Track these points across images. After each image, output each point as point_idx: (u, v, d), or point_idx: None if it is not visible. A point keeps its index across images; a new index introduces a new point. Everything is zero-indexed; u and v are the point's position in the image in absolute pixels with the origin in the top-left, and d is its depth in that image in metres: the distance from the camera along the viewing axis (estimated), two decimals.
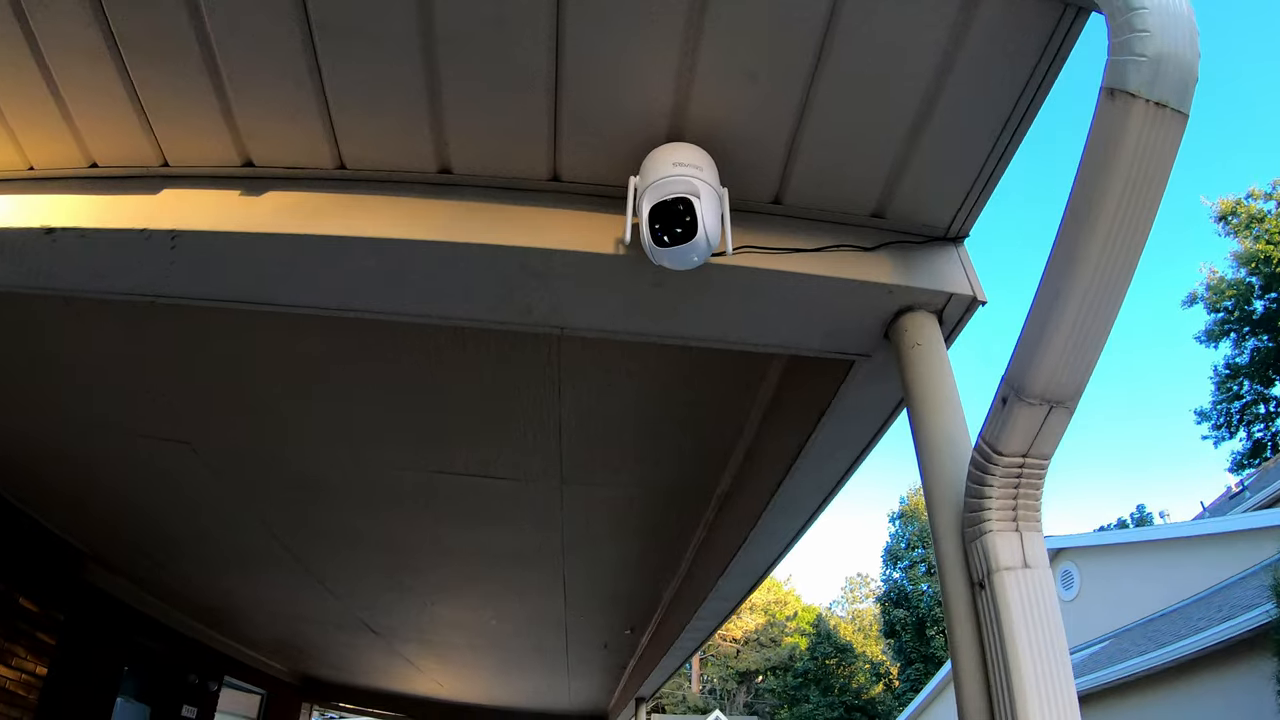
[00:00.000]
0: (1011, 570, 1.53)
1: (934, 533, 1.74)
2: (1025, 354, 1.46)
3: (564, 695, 9.93)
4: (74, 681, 5.90)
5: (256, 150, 2.02)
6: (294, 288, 2.16)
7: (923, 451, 1.82)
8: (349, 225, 1.96)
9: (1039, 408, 1.47)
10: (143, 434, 3.72)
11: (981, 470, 1.57)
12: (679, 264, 1.76)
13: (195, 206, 2.01)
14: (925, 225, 2.05)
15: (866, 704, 33.76)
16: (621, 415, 3.30)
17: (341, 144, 1.97)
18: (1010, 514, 1.57)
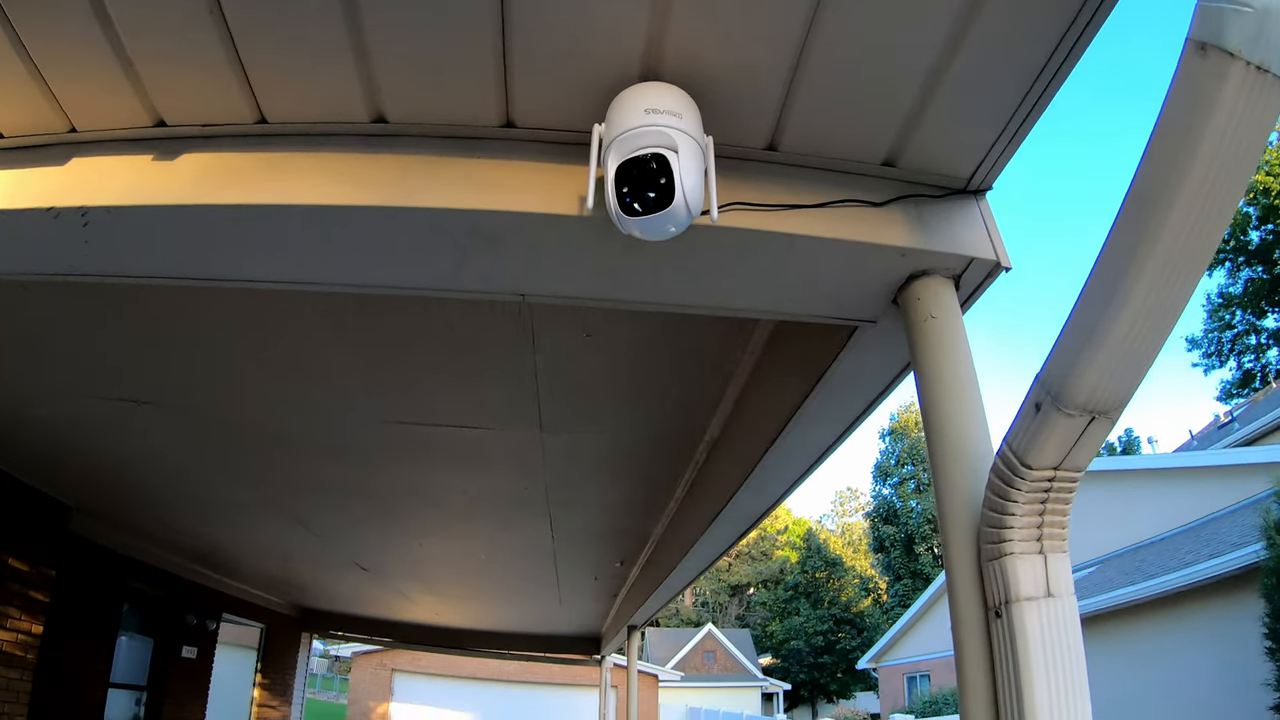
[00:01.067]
0: (1033, 601, 1.32)
1: (944, 544, 1.52)
2: (1067, 357, 1.20)
3: (558, 620, 10.08)
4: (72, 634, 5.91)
5: (167, 108, 1.73)
6: (220, 263, 1.90)
7: (936, 449, 1.59)
8: (273, 191, 1.68)
9: (1079, 419, 1.22)
10: (106, 397, 3.60)
11: (1005, 483, 1.34)
12: (652, 235, 1.47)
13: (106, 177, 1.75)
14: (944, 175, 1.75)
15: (855, 617, 34.96)
16: (602, 367, 3.09)
17: (259, 95, 1.67)
18: (1034, 534, 1.35)
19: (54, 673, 5.58)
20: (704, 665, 30.18)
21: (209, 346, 3.08)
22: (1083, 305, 1.18)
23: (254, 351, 3.10)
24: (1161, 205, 1.01)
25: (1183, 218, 1.00)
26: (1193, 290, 1.08)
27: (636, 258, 1.76)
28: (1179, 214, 1.00)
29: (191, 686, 7.99)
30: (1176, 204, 1.00)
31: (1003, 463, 1.35)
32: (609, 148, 1.46)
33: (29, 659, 4.89)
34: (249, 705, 9.59)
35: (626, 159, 1.41)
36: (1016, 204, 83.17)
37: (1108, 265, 1.12)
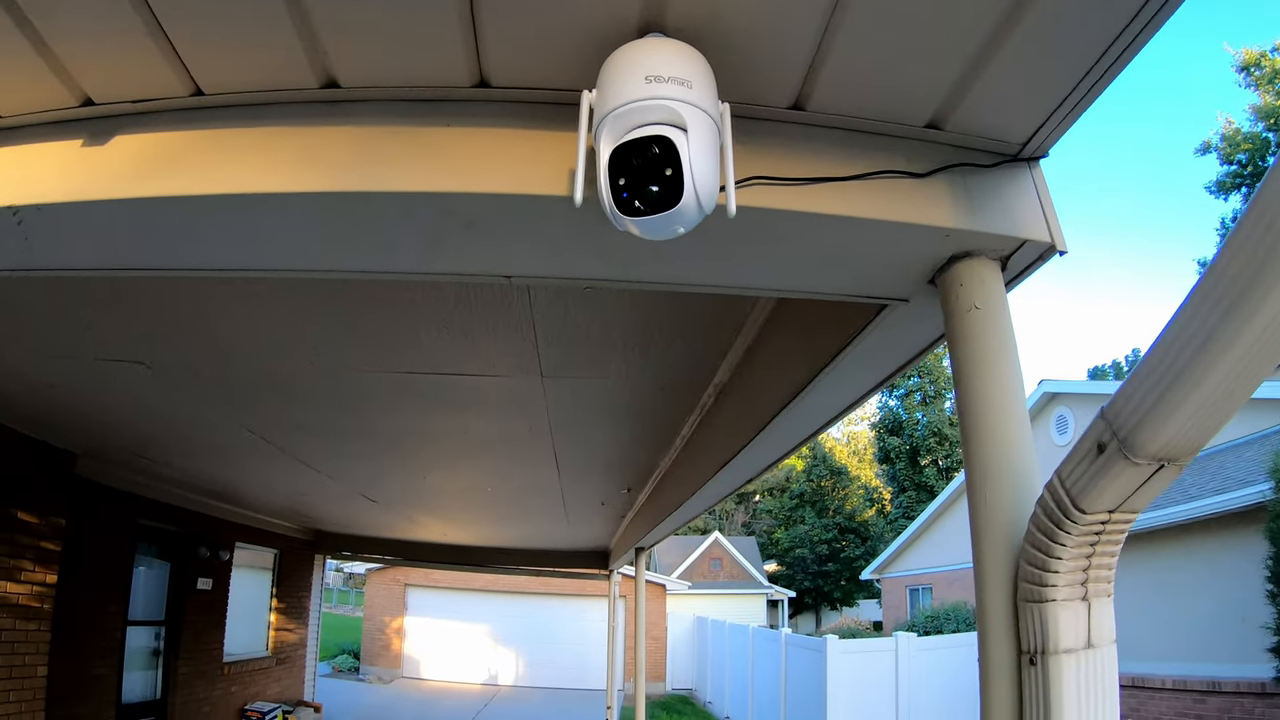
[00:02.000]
0: (1072, 654, 1.18)
1: (977, 572, 1.36)
2: (1145, 400, 1.00)
3: (566, 538, 10.21)
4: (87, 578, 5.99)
5: (92, 86, 1.49)
6: (168, 254, 1.70)
7: (974, 466, 1.40)
8: (214, 178, 1.44)
9: (1146, 467, 1.04)
10: (96, 358, 3.49)
11: (1054, 524, 1.16)
12: (655, 235, 1.23)
13: (35, 169, 1.53)
14: (995, 140, 1.49)
15: (859, 526, 35.68)
16: (603, 316, 2.90)
17: (189, 64, 1.41)
18: (1080, 577, 1.19)
19: (72, 619, 5.67)
20: (710, 572, 31.04)
21: (194, 308, 2.92)
22: (1168, 349, 0.96)
23: (243, 313, 2.95)
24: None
25: None
26: None
27: (637, 243, 1.53)
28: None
29: (208, 616, 8.21)
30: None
31: (1053, 500, 1.17)
32: (601, 125, 1.19)
33: (45, 609, 4.93)
34: (266, 629, 9.87)
35: (622, 142, 1.16)
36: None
37: (1207, 306, 0.90)
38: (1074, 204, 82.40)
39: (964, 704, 9.33)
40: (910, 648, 9.36)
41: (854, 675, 9.25)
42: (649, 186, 1.15)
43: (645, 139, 1.14)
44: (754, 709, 12.77)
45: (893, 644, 9.49)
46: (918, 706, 9.08)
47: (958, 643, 9.88)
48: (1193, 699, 8.03)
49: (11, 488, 4.77)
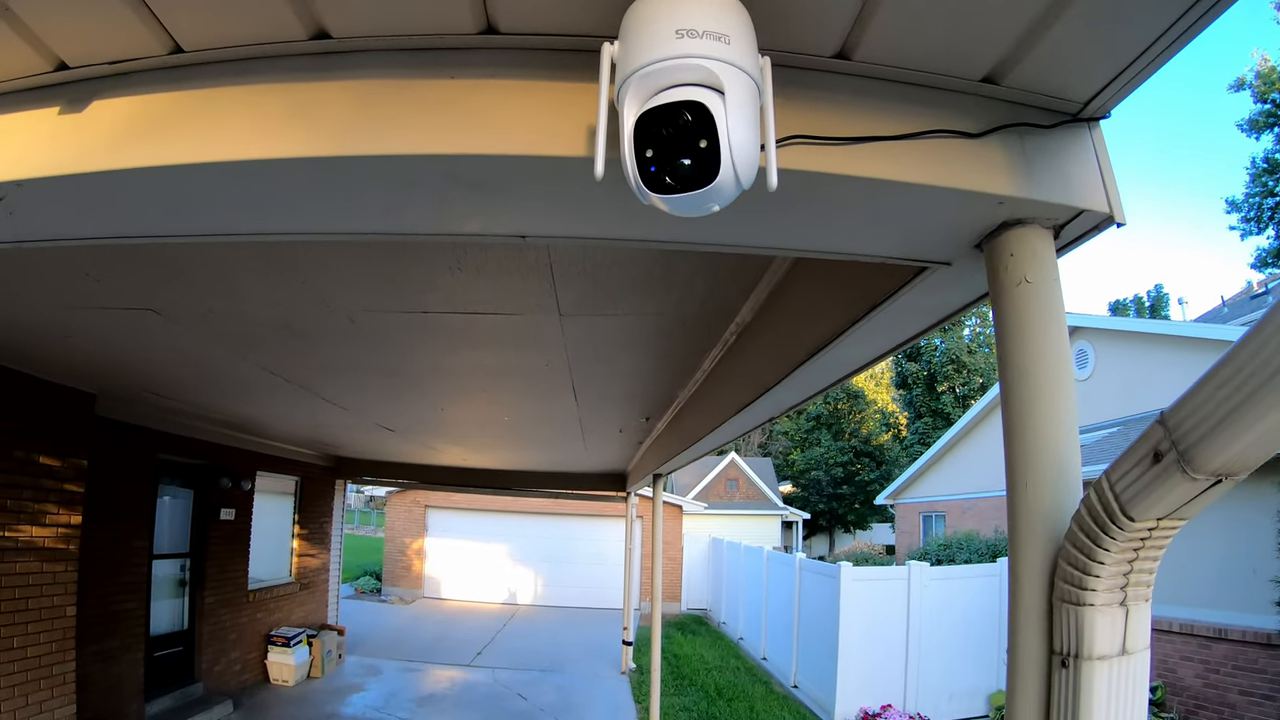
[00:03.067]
0: (1106, 660, 1.13)
1: (1012, 563, 1.29)
2: (1211, 416, 0.91)
3: (584, 461, 10.33)
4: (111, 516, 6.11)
5: (63, 47, 1.36)
6: (156, 223, 1.60)
7: (1015, 452, 1.32)
8: (198, 145, 1.33)
9: (1204, 481, 0.96)
10: (107, 307, 3.45)
11: (1099, 527, 1.09)
12: (686, 212, 1.10)
13: (10, 142, 1.43)
14: (1054, 98, 1.34)
15: (875, 450, 35.88)
16: (618, 256, 2.80)
17: (163, 18, 1.28)
18: (1120, 582, 1.13)
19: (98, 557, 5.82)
20: (727, 493, 31.53)
21: (204, 259, 2.85)
22: (1253, 355, 0.87)
23: (256, 262, 2.88)
24: None
25: None
26: None
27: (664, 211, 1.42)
28: None
29: (232, 546, 8.41)
30: None
31: (1099, 503, 1.09)
32: (625, 86, 1.06)
33: (71, 549, 5.04)
34: (289, 556, 10.15)
35: (649, 108, 1.02)
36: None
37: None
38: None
39: (974, 635, 9.51)
40: (923, 577, 9.48)
41: (867, 602, 9.41)
42: (680, 160, 1.02)
43: (676, 104, 1.00)
44: (767, 631, 13.12)
45: (905, 573, 9.61)
46: (929, 635, 9.27)
47: (969, 574, 9.99)
48: (1199, 644, 8.13)
49: (34, 433, 4.82)
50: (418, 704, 8.93)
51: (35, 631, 4.68)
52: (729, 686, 10.77)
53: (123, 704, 6.29)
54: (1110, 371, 12.00)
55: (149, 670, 6.75)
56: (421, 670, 10.75)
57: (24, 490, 4.67)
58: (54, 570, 4.84)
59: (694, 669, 11.88)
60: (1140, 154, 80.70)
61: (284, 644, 9.07)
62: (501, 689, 9.93)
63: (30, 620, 4.65)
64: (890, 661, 9.31)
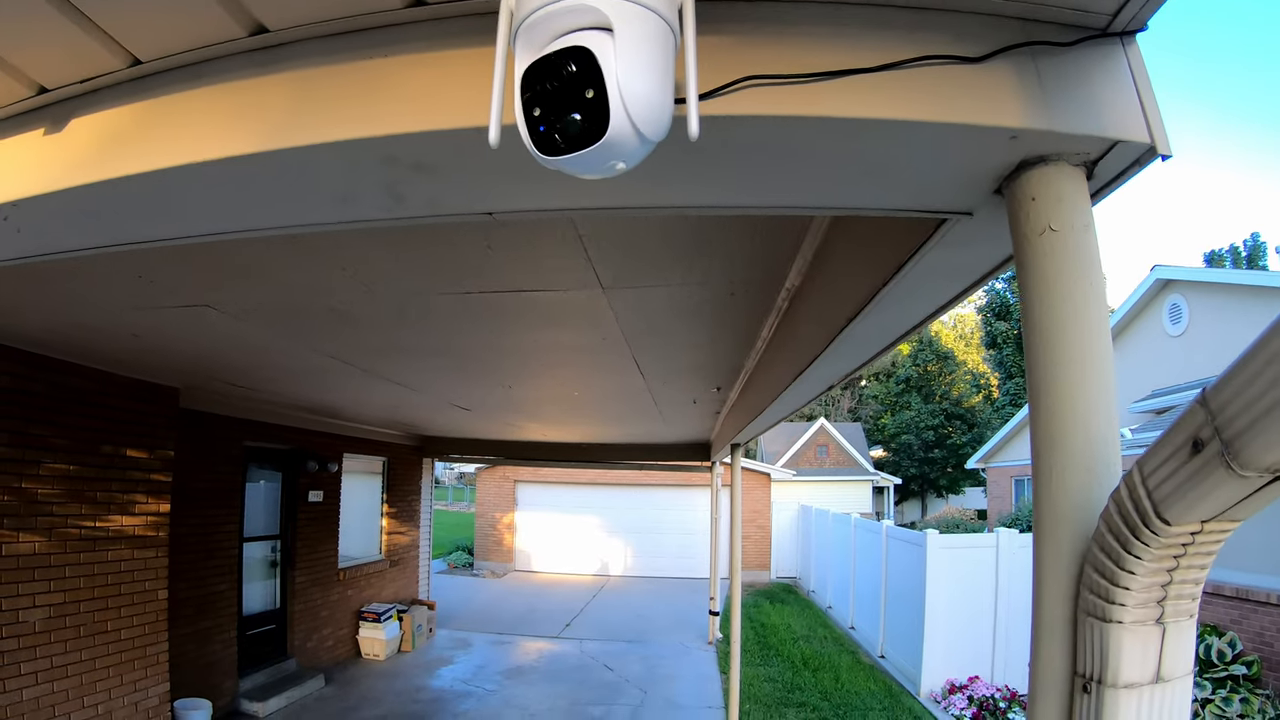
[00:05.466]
0: (1134, 689, 0.93)
1: (1035, 562, 1.10)
2: (1261, 402, 0.70)
3: (665, 433, 10.29)
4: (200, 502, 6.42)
5: (39, 73, 1.44)
6: (139, 228, 1.66)
7: (1041, 425, 1.11)
8: (154, 153, 1.36)
9: (1255, 479, 0.75)
10: (167, 306, 3.60)
11: (1129, 529, 0.89)
12: (591, 173, 0.97)
13: (6, 167, 1.54)
14: (1075, 10, 1.12)
15: (966, 412, 34.54)
16: (648, 226, 2.68)
17: (116, 36, 1.31)
18: (1157, 595, 0.93)
19: (189, 540, 6.14)
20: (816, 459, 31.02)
21: (250, 256, 2.92)
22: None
23: (295, 256, 2.92)
24: None
25: None
26: None
27: None
28: None
29: (321, 528, 8.75)
30: None
31: (1130, 501, 0.89)
32: (516, 40, 0.94)
33: (161, 536, 5.30)
34: (379, 534, 10.52)
35: (536, 60, 0.89)
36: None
37: None
38: (1187, 74, 72.63)
39: None
40: (1011, 545, 9.00)
41: (954, 570, 9.03)
42: (570, 114, 0.88)
43: (559, 53, 0.87)
44: (855, 600, 12.84)
45: (994, 540, 9.14)
46: (1017, 604, 8.80)
47: None
48: None
49: (120, 428, 5.07)
50: (506, 676, 9.17)
51: (129, 615, 4.96)
52: (815, 656, 10.60)
53: (218, 680, 6.67)
54: (1205, 328, 11.04)
55: (242, 648, 7.11)
56: (510, 642, 11.04)
57: (112, 483, 4.94)
58: (145, 556, 5.12)
59: (780, 638, 11.75)
60: (1224, 85, 73.47)
61: (374, 619, 9.42)
62: (589, 660, 10.08)
63: (124, 605, 4.93)
64: (978, 632, 8.92)
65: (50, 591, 4.44)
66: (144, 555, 5.10)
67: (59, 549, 4.51)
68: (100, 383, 4.89)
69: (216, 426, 6.72)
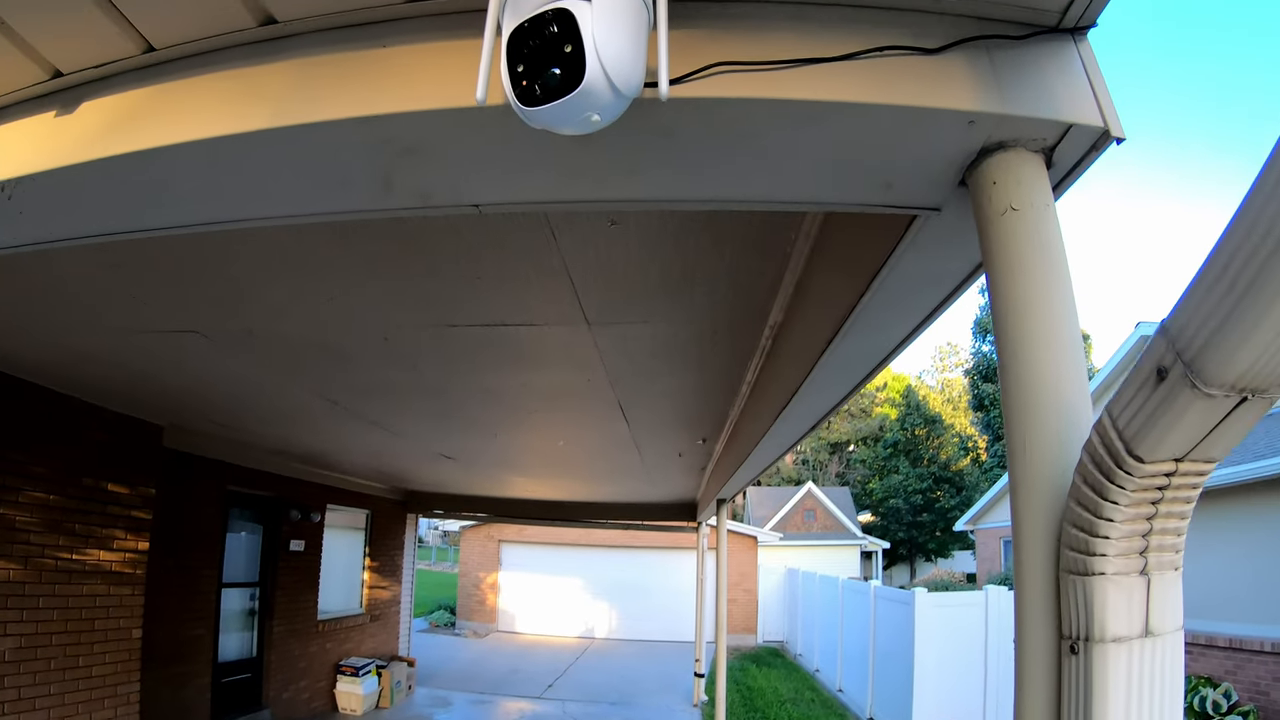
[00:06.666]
0: (1123, 643, 0.93)
1: (1015, 536, 1.11)
2: (1213, 313, 0.74)
3: (651, 491, 10.20)
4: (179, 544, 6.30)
5: (57, 56, 1.53)
6: (143, 212, 1.70)
7: (1011, 396, 1.15)
8: (165, 129, 1.44)
9: (1223, 399, 0.77)
10: (155, 330, 3.63)
11: (1103, 474, 0.91)
12: (571, 126, 1.04)
13: (16, 145, 1.61)
14: (1026, 7, 1.21)
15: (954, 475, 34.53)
16: (638, 255, 2.74)
17: (135, 21, 1.40)
18: (1139, 545, 0.93)
19: (166, 581, 5.99)
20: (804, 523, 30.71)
21: (240, 277, 2.98)
22: (1242, 240, 0.70)
23: (281, 278, 2.96)
24: None
25: None
26: None
27: (594, 152, 1.33)
28: None
29: (302, 577, 8.56)
30: None
31: (1101, 443, 0.91)
32: (504, 8, 1.02)
33: (138, 574, 5.19)
34: (360, 588, 10.28)
35: (524, 20, 0.97)
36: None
37: None
38: (1194, 125, 75.67)
39: None
40: (1001, 601, 8.90)
41: (943, 629, 8.90)
42: (551, 70, 0.94)
43: (542, 15, 0.96)
44: (843, 662, 12.57)
45: (983, 597, 9.04)
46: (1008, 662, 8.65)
47: None
48: None
49: (102, 462, 5.01)
50: None
51: (101, 652, 4.81)
52: (802, 719, 10.30)
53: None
54: None
55: (216, 695, 6.88)
56: (491, 702, 10.67)
57: (91, 516, 4.85)
58: (120, 593, 4.99)
59: (767, 701, 11.44)
60: (1224, 152, 76.61)
61: (353, 674, 9.15)
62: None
63: (96, 641, 4.79)
64: (968, 690, 8.73)
65: (22, 621, 4.33)
66: (120, 592, 4.98)
67: (34, 579, 4.41)
68: (85, 415, 4.86)
69: (201, 469, 6.64)
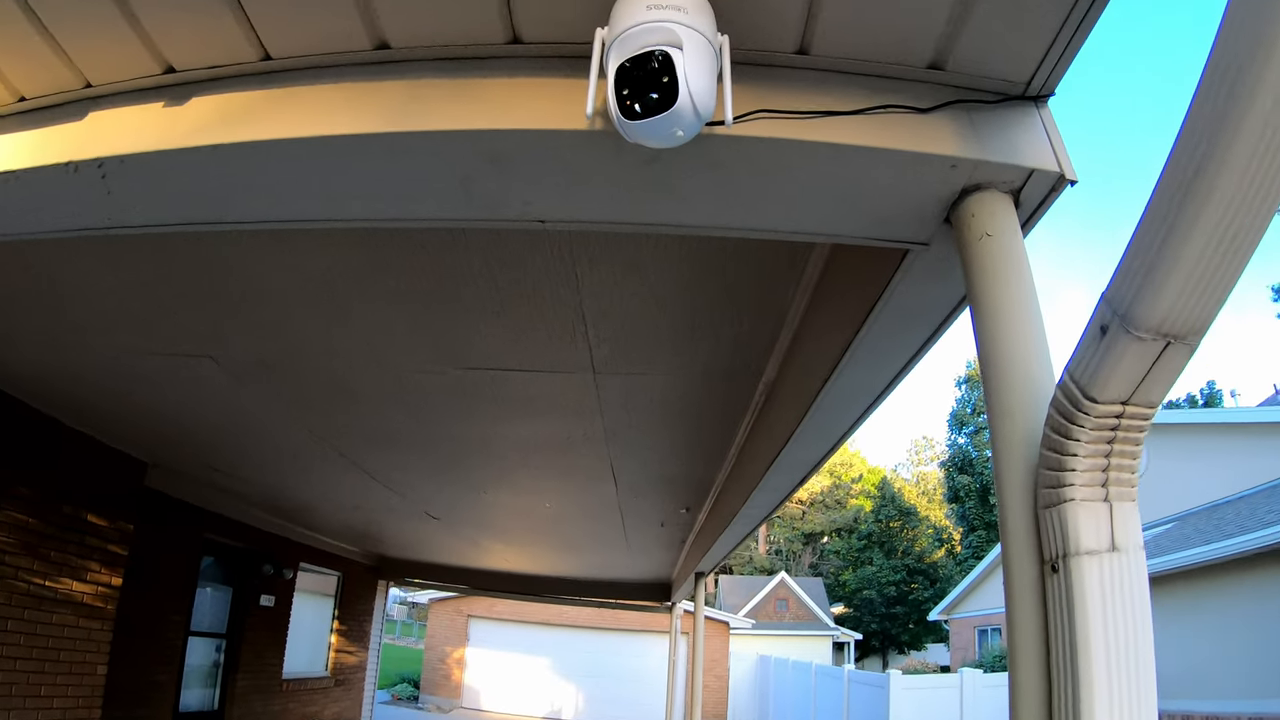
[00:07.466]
0: (1094, 555, 1.16)
1: (998, 487, 1.36)
2: (1137, 269, 1.02)
3: (628, 567, 10.20)
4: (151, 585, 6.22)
5: (173, 53, 1.70)
6: (232, 203, 1.87)
7: (991, 377, 1.42)
8: (278, 126, 1.64)
9: (1152, 343, 1.04)
10: (165, 353, 3.73)
11: (1066, 419, 1.17)
12: (658, 140, 1.35)
13: (121, 128, 1.76)
14: (998, 80, 1.55)
15: (928, 568, 34.49)
16: (650, 303, 3.00)
17: (260, 31, 1.62)
18: (1099, 478, 1.18)
19: (134, 622, 5.90)
20: (776, 613, 30.34)
21: (261, 303, 3.14)
22: (1154, 210, 0.99)
23: (298, 302, 3.13)
24: (1252, 69, 0.82)
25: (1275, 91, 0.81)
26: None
27: (656, 175, 1.62)
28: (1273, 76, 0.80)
29: (270, 634, 8.43)
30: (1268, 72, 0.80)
31: (1064, 395, 1.18)
32: (610, 50, 1.34)
33: (109, 610, 5.15)
34: (326, 650, 10.08)
35: (627, 59, 1.29)
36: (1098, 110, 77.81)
37: (1183, 161, 0.93)
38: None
39: None
40: (975, 684, 8.95)
41: (917, 712, 8.89)
42: (649, 94, 1.27)
43: (646, 55, 1.27)
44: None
45: (957, 680, 9.09)
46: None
47: None
48: None
49: (84, 491, 5.03)
50: None
51: (64, 684, 4.73)
52: None
53: None
54: (1163, 469, 11.65)
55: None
56: None
57: (69, 544, 4.85)
58: (90, 627, 4.94)
59: None
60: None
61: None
62: None
63: (61, 673, 4.71)
64: None
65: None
66: (89, 625, 4.92)
67: (4, 601, 4.37)
68: (72, 441, 4.90)
69: (179, 513, 6.64)
